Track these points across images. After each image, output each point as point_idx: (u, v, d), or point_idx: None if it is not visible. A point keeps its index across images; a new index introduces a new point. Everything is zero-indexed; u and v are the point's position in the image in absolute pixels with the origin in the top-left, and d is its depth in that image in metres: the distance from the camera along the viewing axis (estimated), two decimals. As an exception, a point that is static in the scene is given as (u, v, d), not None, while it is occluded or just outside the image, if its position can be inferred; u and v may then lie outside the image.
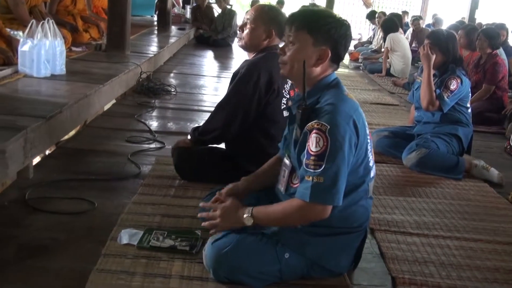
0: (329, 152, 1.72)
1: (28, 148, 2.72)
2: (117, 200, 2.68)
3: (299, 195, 1.80)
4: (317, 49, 1.85)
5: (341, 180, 1.75)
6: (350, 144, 1.77)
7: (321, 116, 1.76)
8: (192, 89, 5.68)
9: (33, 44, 4.03)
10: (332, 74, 1.93)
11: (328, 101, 1.81)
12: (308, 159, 1.76)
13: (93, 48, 5.84)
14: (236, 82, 2.74)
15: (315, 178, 1.74)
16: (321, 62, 1.87)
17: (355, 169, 1.84)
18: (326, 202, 1.77)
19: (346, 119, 1.76)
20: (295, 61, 1.88)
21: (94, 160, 3.20)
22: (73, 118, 3.40)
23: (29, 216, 2.42)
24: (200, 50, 9.01)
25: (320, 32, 1.84)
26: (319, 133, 1.73)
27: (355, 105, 1.85)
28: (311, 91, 1.89)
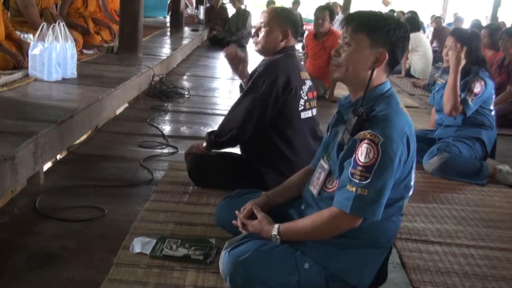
0: (378, 166, 1.66)
1: (39, 154, 2.67)
2: (129, 207, 2.62)
3: (338, 204, 1.73)
4: (374, 51, 1.78)
5: (384, 196, 1.70)
6: (400, 161, 1.70)
7: (376, 127, 1.69)
8: (205, 92, 5.62)
9: (44, 48, 3.99)
10: (386, 82, 1.85)
11: (384, 112, 1.74)
12: (355, 168, 1.69)
13: (105, 51, 5.81)
14: (253, 81, 2.67)
15: (360, 189, 1.68)
16: (378, 65, 1.79)
17: (397, 185, 1.77)
18: (367, 215, 1.71)
19: (400, 134, 1.70)
20: (351, 63, 1.81)
21: (106, 166, 3.15)
22: (84, 122, 3.35)
23: (40, 223, 2.37)
24: (213, 52, 8.95)
25: (378, 34, 1.77)
26: (371, 144, 1.67)
27: (410, 121, 1.79)
28: (366, 98, 1.80)
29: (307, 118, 2.74)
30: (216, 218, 2.35)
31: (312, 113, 2.77)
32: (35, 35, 4.30)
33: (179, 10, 9.09)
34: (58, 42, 4.05)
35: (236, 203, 2.20)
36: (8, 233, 2.26)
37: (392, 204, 1.81)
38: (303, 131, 2.74)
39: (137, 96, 4.87)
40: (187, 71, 6.83)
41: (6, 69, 4.05)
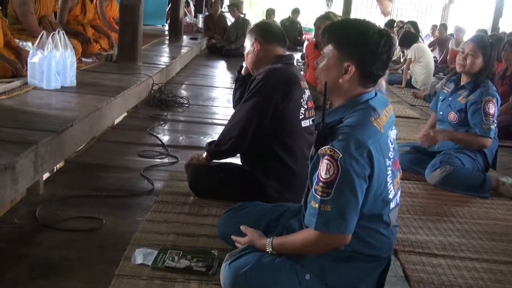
0: (338, 181, 1.64)
1: (39, 163, 2.64)
2: (130, 217, 2.60)
3: (306, 221, 1.74)
4: (342, 64, 1.76)
5: (349, 211, 1.67)
6: (363, 176, 1.67)
7: (336, 142, 1.67)
8: (204, 101, 5.60)
9: (43, 56, 3.97)
10: (366, 93, 1.81)
11: (348, 125, 1.70)
12: (317, 184, 1.68)
13: (104, 59, 5.79)
14: (253, 88, 2.67)
15: (322, 206, 1.66)
16: (348, 77, 1.76)
17: (374, 200, 1.74)
18: (333, 230, 1.68)
19: (360, 149, 1.66)
20: (323, 74, 1.81)
21: (106, 176, 3.12)
22: (84, 132, 3.32)
23: (40, 233, 2.35)
24: (212, 61, 8.95)
25: (345, 46, 1.75)
26: (331, 160, 1.65)
27: (377, 134, 1.72)
28: (338, 109, 1.80)
29: (306, 127, 2.74)
30: (219, 230, 2.33)
31: (310, 122, 2.77)
32: (33, 43, 4.29)
33: (178, 18, 9.08)
34: (57, 50, 4.03)
35: (238, 216, 2.20)
36: (8, 243, 2.24)
37: (375, 219, 1.79)
38: (303, 140, 2.73)
39: (136, 105, 4.85)
40: (186, 80, 6.82)
41: (5, 77, 4.03)
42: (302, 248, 1.80)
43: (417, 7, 21.57)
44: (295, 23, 12.53)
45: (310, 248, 1.78)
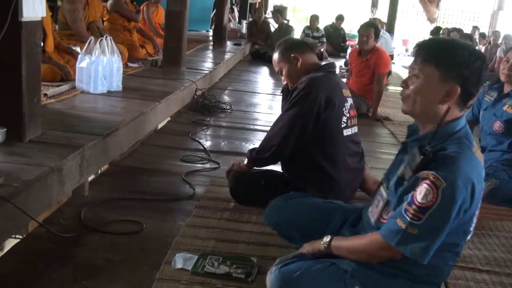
0: (434, 210, 1.57)
1: (85, 166, 2.72)
2: (171, 221, 2.64)
3: (383, 234, 1.67)
4: (445, 85, 1.68)
5: (435, 242, 1.61)
6: (460, 209, 1.60)
7: (441, 169, 1.59)
8: (247, 107, 5.63)
9: (91, 61, 4.08)
10: (461, 119, 1.74)
11: (453, 154, 1.62)
12: (410, 205, 1.62)
13: (149, 64, 5.89)
14: (294, 96, 2.68)
15: (410, 228, 1.60)
16: (448, 100, 1.69)
17: (456, 230, 1.68)
18: (411, 255, 1.62)
19: (465, 182, 1.58)
20: (419, 96, 1.72)
21: (148, 179, 3.18)
22: (129, 136, 3.39)
23: (85, 235, 2.40)
24: (255, 67, 8.99)
25: (450, 67, 1.66)
26: (432, 186, 1.58)
27: (479, 166, 1.66)
28: (437, 134, 1.69)
29: (348, 136, 2.72)
30: (267, 217, 2.37)
31: (352, 131, 2.75)
32: (82, 48, 4.42)
33: (222, 24, 9.16)
34: (105, 55, 4.14)
35: (288, 206, 2.25)
36: (54, 243, 2.30)
37: (449, 249, 1.73)
38: (345, 149, 2.71)
39: (179, 110, 4.91)
40: (229, 85, 6.87)
41: (54, 81, 4.15)
42: (355, 250, 1.78)
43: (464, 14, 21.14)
44: (338, 30, 12.46)
45: (369, 255, 1.75)
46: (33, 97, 2.74)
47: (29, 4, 2.61)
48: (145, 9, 7.38)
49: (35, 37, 2.73)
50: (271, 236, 2.44)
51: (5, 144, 2.60)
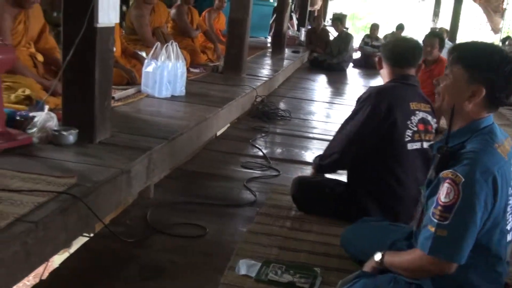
0: (458, 207, 1.59)
1: (151, 169, 2.78)
2: (233, 227, 2.68)
3: (419, 245, 1.68)
4: (471, 86, 1.70)
5: (466, 239, 1.60)
6: (485, 204, 1.60)
7: (459, 166, 1.62)
8: (305, 115, 5.63)
9: (157, 66, 4.19)
10: (487, 118, 1.76)
11: (472, 150, 1.65)
12: (436, 208, 1.63)
13: (210, 70, 5.98)
14: (356, 107, 2.66)
15: (439, 230, 1.61)
16: (473, 100, 1.72)
17: (491, 228, 1.66)
18: (446, 257, 1.62)
19: (485, 175, 1.60)
20: (447, 94, 1.77)
21: (210, 184, 3.22)
22: (192, 140, 3.45)
23: (150, 236, 2.46)
24: (313, 74, 8.97)
25: (477, 69, 1.69)
26: (452, 184, 1.60)
27: (501, 161, 1.66)
28: (459, 132, 1.74)
29: (415, 150, 2.65)
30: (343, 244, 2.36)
31: (422, 145, 2.68)
32: (148, 53, 4.54)
33: (281, 31, 9.20)
34: (170, 60, 4.23)
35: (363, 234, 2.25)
36: (121, 243, 2.37)
37: (489, 253, 1.70)
38: (411, 163, 2.65)
39: (239, 116, 4.96)
40: (287, 93, 6.88)
41: (121, 85, 4.28)
42: (407, 268, 1.76)
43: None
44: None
45: (414, 270, 1.73)
46: (104, 100, 2.84)
47: (104, 11, 2.71)
48: (207, 15, 7.50)
49: (108, 43, 2.83)
50: (333, 247, 2.42)
51: (77, 145, 2.70)
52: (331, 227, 2.63)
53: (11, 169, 2.29)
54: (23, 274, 1.84)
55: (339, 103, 6.64)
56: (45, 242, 1.91)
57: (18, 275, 1.80)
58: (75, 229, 2.15)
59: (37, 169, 2.33)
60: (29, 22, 3.62)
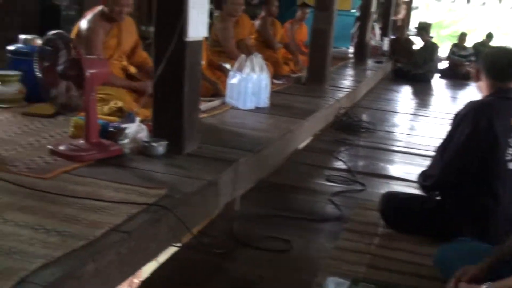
0: None
1: (237, 181, 2.79)
2: (318, 242, 2.63)
3: None
4: None
5: None
6: None
7: None
8: (390, 127, 5.48)
9: (242, 78, 4.22)
10: None
11: None
12: None
13: (293, 81, 5.97)
14: (455, 125, 2.53)
15: None
16: None
17: None
18: None
19: None
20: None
21: (294, 197, 3.20)
22: (277, 152, 3.44)
23: (236, 249, 2.46)
24: (397, 85, 8.74)
25: None
26: None
27: None
28: None
29: None
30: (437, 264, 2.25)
31: None
32: (232, 65, 4.60)
33: (364, 41, 9.05)
34: (254, 72, 4.26)
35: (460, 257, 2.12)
36: (207, 255, 2.38)
37: None
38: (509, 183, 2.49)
39: (322, 128, 4.90)
40: (371, 104, 6.74)
41: (206, 97, 4.34)
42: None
43: None
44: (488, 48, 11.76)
45: None
46: (193, 111, 2.89)
47: (193, 25, 2.76)
48: (289, 27, 7.50)
49: (197, 56, 2.89)
50: (425, 267, 2.32)
51: (166, 156, 2.76)
52: (422, 246, 2.52)
53: (105, 179, 2.38)
54: (116, 283, 1.89)
55: (424, 115, 6.42)
56: (137, 252, 1.95)
57: (112, 284, 1.84)
58: (165, 240, 2.18)
59: (128, 179, 2.40)
60: (121, 36, 3.76)
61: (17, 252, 1.64)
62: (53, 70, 2.58)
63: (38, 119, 3.31)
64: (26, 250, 1.66)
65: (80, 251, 1.71)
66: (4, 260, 1.59)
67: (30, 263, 1.58)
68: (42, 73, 2.65)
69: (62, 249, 1.68)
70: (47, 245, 1.71)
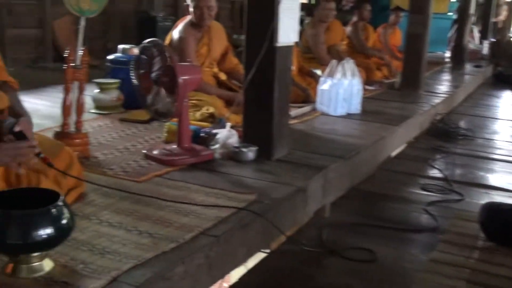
0: None
1: (327, 188, 2.74)
2: (411, 253, 2.51)
3: None
4: None
5: None
6: None
7: None
8: (489, 135, 5.17)
9: (333, 83, 4.17)
10: None
11: None
12: None
13: (386, 87, 5.82)
14: None
15: None
16: None
17: None
18: None
19: None
20: None
21: (387, 206, 3.08)
22: (368, 159, 3.36)
23: (325, 257, 2.40)
24: (498, 90, 8.24)
25: None
26: None
27: None
28: None
29: None
30: None
31: None
32: (322, 70, 4.55)
33: (462, 45, 8.66)
34: (346, 78, 4.19)
35: None
36: (296, 262, 2.34)
37: None
38: None
39: (417, 135, 4.72)
40: (469, 110, 6.41)
41: (296, 103, 4.32)
42: None
43: None
44: None
45: None
46: (282, 117, 2.88)
47: (284, 31, 2.75)
48: (382, 31, 7.34)
49: (287, 61, 2.87)
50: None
51: (256, 161, 2.76)
52: (528, 261, 2.34)
53: (196, 183, 2.41)
54: (204, 286, 1.90)
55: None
56: (225, 256, 1.96)
57: (200, 287, 1.86)
58: (254, 245, 2.18)
59: (218, 184, 2.42)
60: (212, 44, 3.83)
61: (111, 252, 1.69)
62: (148, 77, 2.67)
63: (134, 125, 3.44)
64: (119, 251, 1.71)
65: (170, 254, 1.74)
66: (98, 259, 1.64)
67: (123, 263, 1.62)
68: (138, 80, 2.74)
69: (153, 251, 1.72)
70: (139, 246, 1.75)
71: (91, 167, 2.55)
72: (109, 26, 7.50)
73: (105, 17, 7.16)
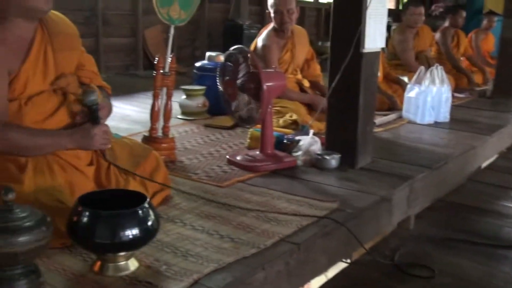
0: None
1: (412, 199, 2.65)
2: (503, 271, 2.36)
3: None
4: None
5: None
6: None
7: None
8: None
9: (420, 91, 4.04)
10: None
11: None
12: None
13: (477, 95, 5.57)
14: None
15: None
16: None
17: None
18: None
19: None
20: None
21: (476, 219, 2.93)
22: (457, 170, 3.21)
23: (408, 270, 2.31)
24: None
25: None
26: None
27: None
28: None
29: None
30: None
31: None
32: (409, 77, 4.42)
33: None
34: (434, 85, 4.05)
35: None
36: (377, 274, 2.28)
37: None
38: None
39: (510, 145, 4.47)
40: None
41: (381, 110, 4.23)
42: None
43: None
44: None
45: None
46: (367, 125, 2.82)
47: (370, 36, 2.70)
48: (474, 36, 7.04)
49: (373, 67, 2.81)
50: None
51: (339, 169, 2.73)
52: None
53: (278, 190, 2.41)
54: (284, 294, 1.89)
55: None
56: (305, 264, 1.94)
57: (279, 294, 1.85)
58: (335, 254, 2.14)
59: (300, 191, 2.41)
60: (295, 50, 3.84)
61: (193, 255, 1.72)
62: (233, 84, 2.70)
63: (219, 131, 3.49)
64: (201, 254, 1.73)
65: (251, 259, 1.74)
66: (181, 262, 1.67)
67: (204, 266, 1.64)
68: (223, 87, 2.79)
69: (234, 256, 1.73)
70: (221, 250, 1.77)
71: (177, 171, 2.61)
72: (197, 34, 7.69)
73: (193, 25, 7.37)
